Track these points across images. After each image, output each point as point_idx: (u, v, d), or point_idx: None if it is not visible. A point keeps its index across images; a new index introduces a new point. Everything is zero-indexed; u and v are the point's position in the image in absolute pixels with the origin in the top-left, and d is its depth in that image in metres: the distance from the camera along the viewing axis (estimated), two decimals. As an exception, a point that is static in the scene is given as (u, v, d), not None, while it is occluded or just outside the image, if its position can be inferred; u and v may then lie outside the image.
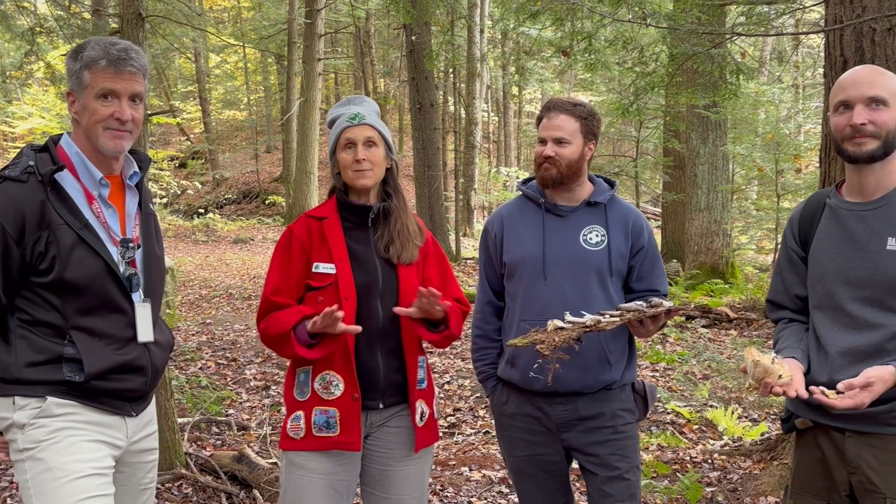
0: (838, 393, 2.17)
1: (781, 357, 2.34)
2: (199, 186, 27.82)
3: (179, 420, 5.14)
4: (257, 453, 5.07)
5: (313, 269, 2.66)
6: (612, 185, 2.97)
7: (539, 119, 2.92)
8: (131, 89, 2.29)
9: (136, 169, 2.42)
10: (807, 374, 2.36)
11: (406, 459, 2.75)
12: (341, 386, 2.62)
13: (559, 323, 2.54)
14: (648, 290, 2.83)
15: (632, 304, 2.59)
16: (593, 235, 2.83)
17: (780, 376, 2.20)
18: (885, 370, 2.17)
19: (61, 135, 2.36)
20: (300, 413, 2.66)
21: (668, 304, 2.57)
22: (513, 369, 2.86)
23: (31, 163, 2.23)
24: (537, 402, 2.85)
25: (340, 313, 2.46)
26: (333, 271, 2.64)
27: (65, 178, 2.26)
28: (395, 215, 2.73)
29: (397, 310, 2.62)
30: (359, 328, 2.56)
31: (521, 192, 3.01)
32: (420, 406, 2.74)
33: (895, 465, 2.24)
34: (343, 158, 2.69)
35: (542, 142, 2.85)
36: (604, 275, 2.80)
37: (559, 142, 2.80)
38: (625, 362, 2.87)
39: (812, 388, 2.21)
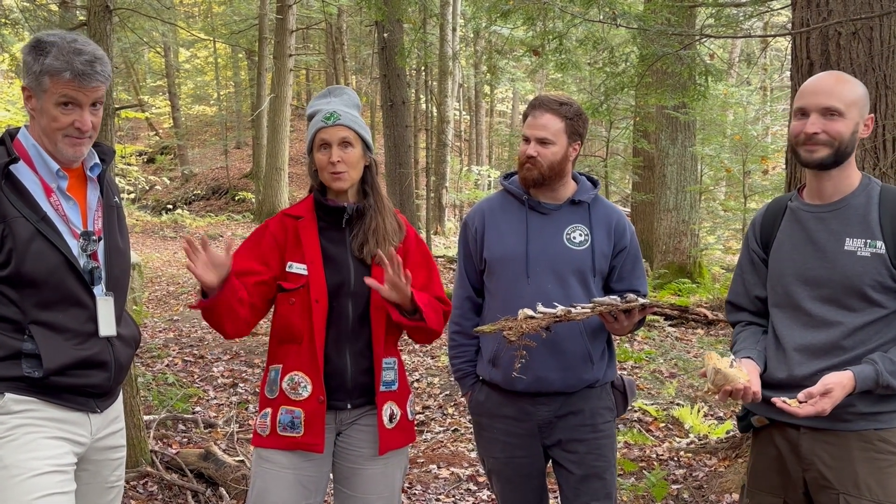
0: (800, 402, 2.21)
1: (738, 358, 2.38)
2: (168, 182, 27.54)
3: (145, 417, 5.09)
4: (224, 451, 5.03)
5: (287, 269, 2.63)
6: (595, 184, 2.93)
7: (525, 116, 2.86)
8: (93, 97, 2.26)
9: (97, 161, 2.39)
10: (763, 373, 2.41)
11: (375, 459, 2.71)
12: (309, 388, 2.60)
13: (529, 312, 2.53)
14: (628, 290, 2.79)
15: (605, 298, 2.58)
16: (577, 235, 2.80)
17: (738, 381, 2.24)
18: (844, 375, 2.21)
19: (19, 128, 2.32)
20: (268, 410, 2.65)
21: (642, 300, 2.57)
22: (494, 369, 2.82)
23: None
24: (520, 402, 2.82)
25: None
26: (305, 272, 2.61)
27: (21, 171, 2.23)
28: (370, 215, 2.68)
29: (368, 280, 2.53)
30: (223, 256, 2.49)
31: (502, 187, 2.95)
32: (389, 408, 2.70)
33: (848, 461, 2.29)
34: (318, 159, 2.64)
35: (526, 140, 2.79)
36: (586, 274, 2.78)
37: (542, 142, 2.75)
38: (606, 361, 2.86)
39: (774, 399, 2.25)
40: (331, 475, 2.79)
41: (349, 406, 2.68)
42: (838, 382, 2.20)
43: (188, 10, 33.16)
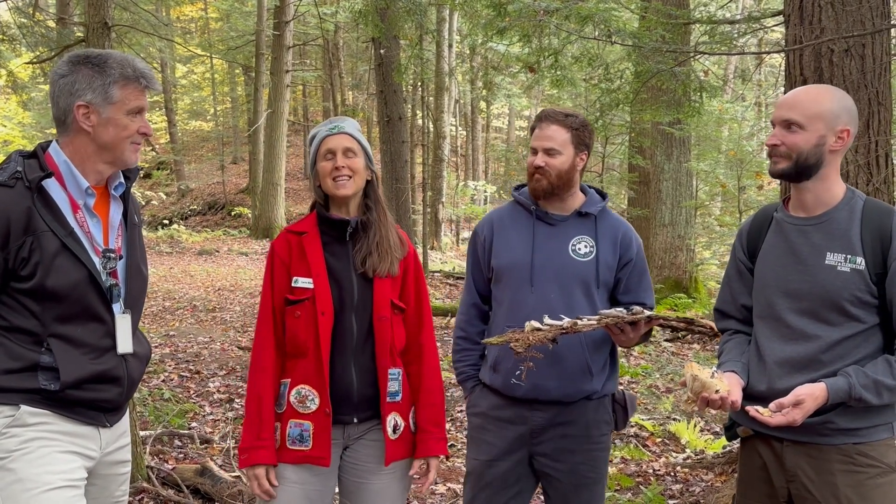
0: (773, 412, 2.23)
1: (721, 371, 2.41)
2: (164, 197, 27.55)
3: (141, 433, 5.08)
4: (220, 467, 5.01)
5: (292, 284, 2.67)
6: (604, 196, 2.98)
7: (532, 129, 2.93)
8: (147, 105, 2.40)
9: (122, 180, 2.42)
10: (746, 385, 2.43)
11: (381, 473, 2.73)
12: (317, 401, 2.62)
13: (536, 324, 2.56)
14: (635, 303, 2.81)
15: (611, 311, 2.60)
16: (582, 246, 2.85)
17: (717, 391, 2.26)
18: (816, 387, 2.24)
19: (50, 142, 2.34)
20: (276, 425, 2.66)
21: (648, 312, 2.60)
22: (495, 374, 2.88)
23: (19, 168, 2.22)
24: (517, 408, 2.86)
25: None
26: (311, 286, 2.64)
27: (51, 186, 2.26)
28: (375, 228, 2.73)
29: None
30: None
31: (513, 198, 3.01)
32: (393, 419, 2.71)
33: (830, 475, 2.32)
34: (322, 167, 2.69)
35: (534, 152, 2.86)
36: (590, 285, 2.82)
37: (549, 152, 2.82)
38: (606, 374, 2.89)
39: (747, 407, 2.28)
40: (336, 490, 2.80)
41: (355, 420, 2.69)
42: (809, 394, 2.22)
43: (185, 26, 33.27)
